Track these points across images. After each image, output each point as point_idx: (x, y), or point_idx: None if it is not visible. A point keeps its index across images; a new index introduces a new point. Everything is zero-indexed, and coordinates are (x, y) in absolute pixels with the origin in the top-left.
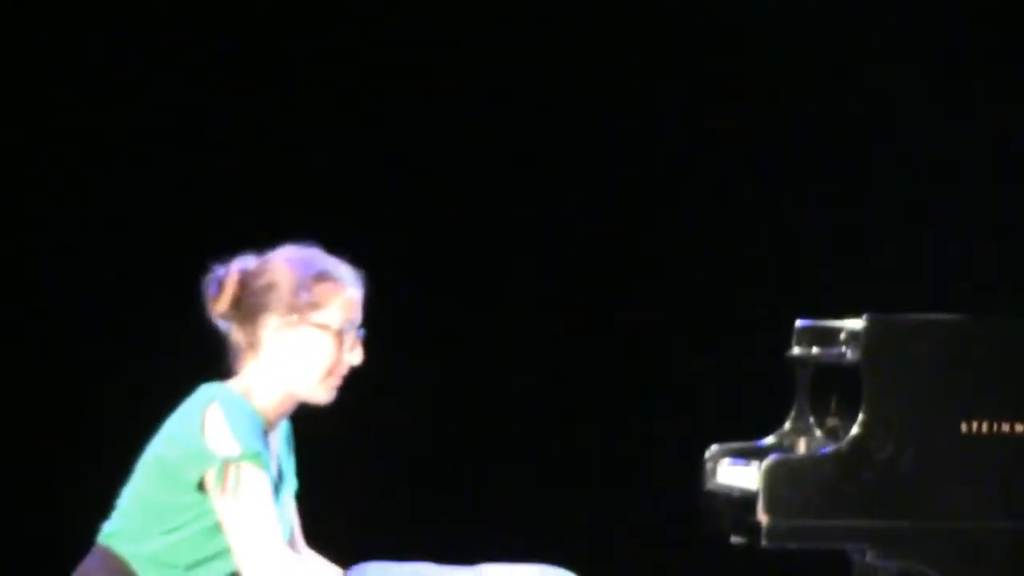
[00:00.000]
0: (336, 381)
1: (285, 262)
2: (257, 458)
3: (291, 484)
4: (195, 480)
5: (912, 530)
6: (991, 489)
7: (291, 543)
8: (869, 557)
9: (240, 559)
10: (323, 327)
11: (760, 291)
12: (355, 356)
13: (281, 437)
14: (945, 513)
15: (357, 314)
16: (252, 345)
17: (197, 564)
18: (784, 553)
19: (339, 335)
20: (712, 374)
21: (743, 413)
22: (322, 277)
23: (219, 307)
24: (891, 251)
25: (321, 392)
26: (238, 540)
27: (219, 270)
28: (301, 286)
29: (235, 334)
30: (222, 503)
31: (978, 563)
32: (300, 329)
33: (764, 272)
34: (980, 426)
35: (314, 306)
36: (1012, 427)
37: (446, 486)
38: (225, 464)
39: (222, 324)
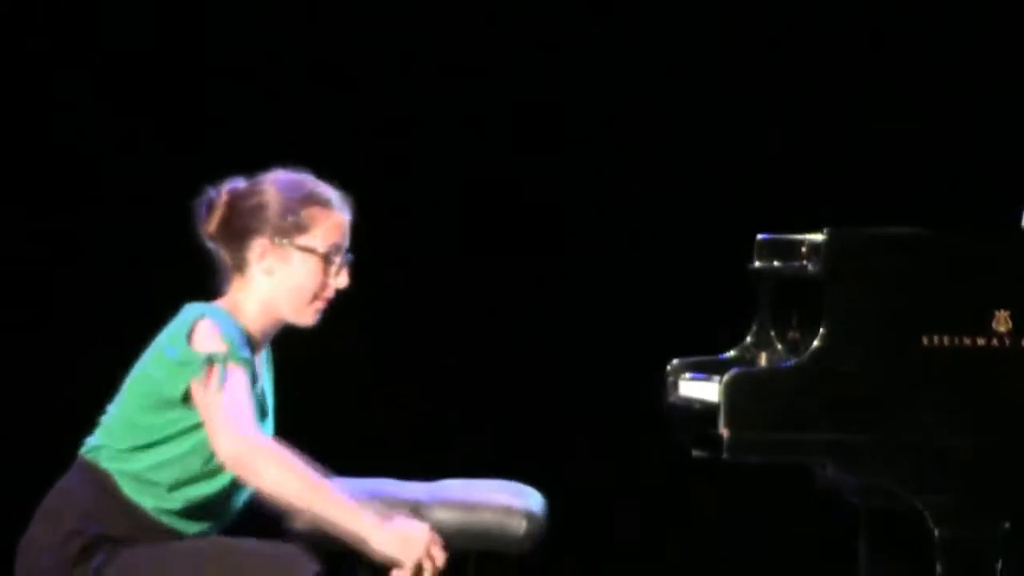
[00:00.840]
0: (321, 304)
1: (273, 184)
2: (244, 361)
3: (271, 418)
4: (180, 392)
5: (873, 444)
6: (952, 403)
7: None
8: (830, 471)
9: (215, 444)
10: (309, 250)
11: (722, 204)
12: (341, 280)
13: (264, 363)
14: (906, 427)
15: (344, 238)
16: (239, 266)
17: (179, 485)
18: (746, 467)
19: (325, 259)
20: (673, 287)
21: (704, 327)
22: (310, 200)
23: (209, 228)
24: (854, 165)
25: (306, 315)
26: (213, 424)
27: (211, 191)
28: (288, 209)
29: (224, 255)
30: (203, 396)
31: (938, 477)
32: (286, 252)
33: (725, 185)
34: (941, 339)
35: (301, 229)
36: (973, 341)
37: (409, 403)
38: (210, 360)
39: (212, 245)
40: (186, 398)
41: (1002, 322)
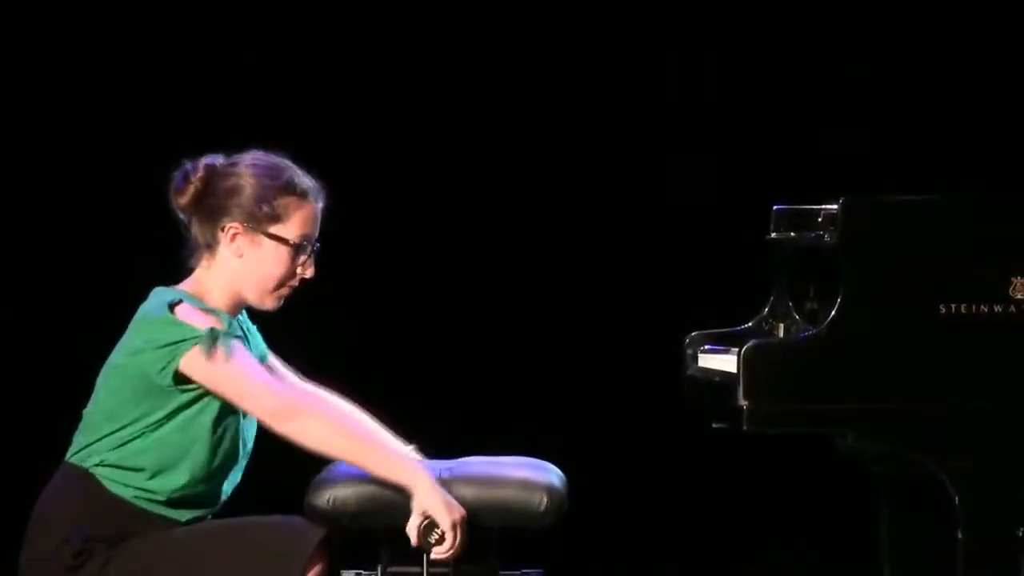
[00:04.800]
0: (286, 291)
1: (251, 168)
2: (239, 338)
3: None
4: (172, 369)
5: (893, 412)
6: (970, 370)
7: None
8: (851, 440)
9: (257, 407)
10: (280, 240)
11: (738, 176)
12: (307, 270)
13: (242, 332)
14: (925, 394)
15: (315, 229)
16: (209, 245)
17: (160, 471)
18: (766, 437)
19: (295, 249)
20: (690, 259)
21: (722, 298)
22: (286, 190)
23: (181, 200)
24: (870, 132)
25: (269, 301)
26: (247, 390)
27: (187, 165)
28: (264, 197)
29: (195, 228)
30: (215, 371)
31: (958, 443)
32: (257, 238)
33: (742, 157)
34: (959, 307)
35: (274, 218)
36: (991, 308)
37: (427, 380)
38: (212, 335)
39: (183, 216)
40: (177, 380)
41: (1019, 288)
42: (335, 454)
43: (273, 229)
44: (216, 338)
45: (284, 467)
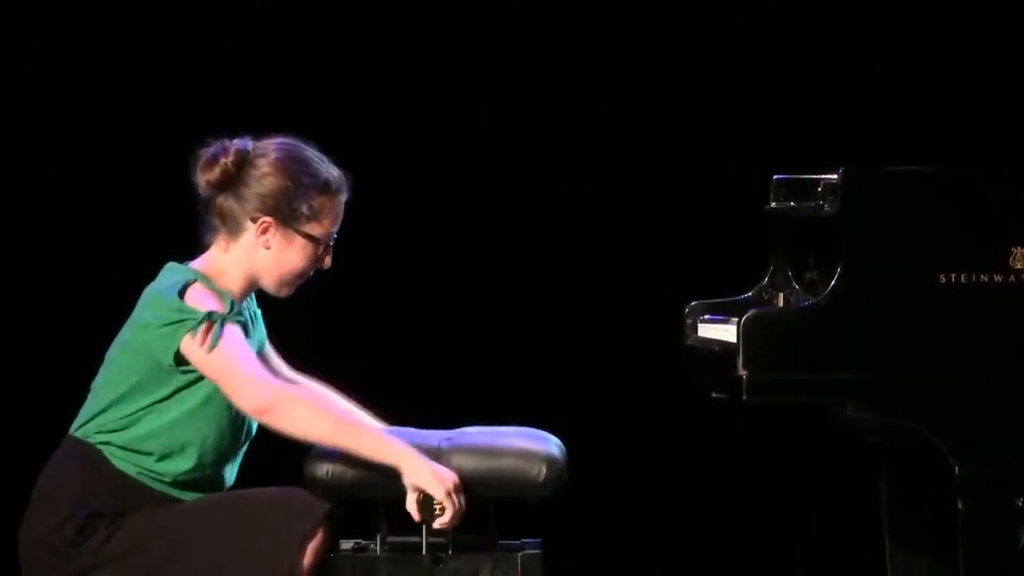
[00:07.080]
0: (302, 280)
1: (287, 163)
2: (241, 324)
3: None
4: (172, 354)
5: (891, 382)
6: (970, 340)
7: (279, 375)
8: (849, 411)
9: (238, 397)
10: (312, 238)
11: (738, 144)
12: (326, 262)
13: (247, 316)
14: (924, 365)
15: (340, 222)
16: (233, 231)
17: (168, 455)
18: (766, 407)
19: (323, 245)
20: (690, 229)
21: (722, 268)
22: (323, 190)
23: (207, 177)
24: (869, 104)
25: (286, 290)
26: (230, 378)
27: (216, 144)
28: (302, 195)
29: (218, 211)
30: (204, 356)
31: (957, 414)
32: (289, 234)
33: (741, 128)
34: (959, 277)
35: (310, 218)
36: (991, 278)
37: (427, 350)
38: (208, 319)
39: (203, 193)
40: (178, 361)
41: (1019, 259)
42: (318, 439)
43: (307, 227)
44: (213, 322)
45: (283, 438)
